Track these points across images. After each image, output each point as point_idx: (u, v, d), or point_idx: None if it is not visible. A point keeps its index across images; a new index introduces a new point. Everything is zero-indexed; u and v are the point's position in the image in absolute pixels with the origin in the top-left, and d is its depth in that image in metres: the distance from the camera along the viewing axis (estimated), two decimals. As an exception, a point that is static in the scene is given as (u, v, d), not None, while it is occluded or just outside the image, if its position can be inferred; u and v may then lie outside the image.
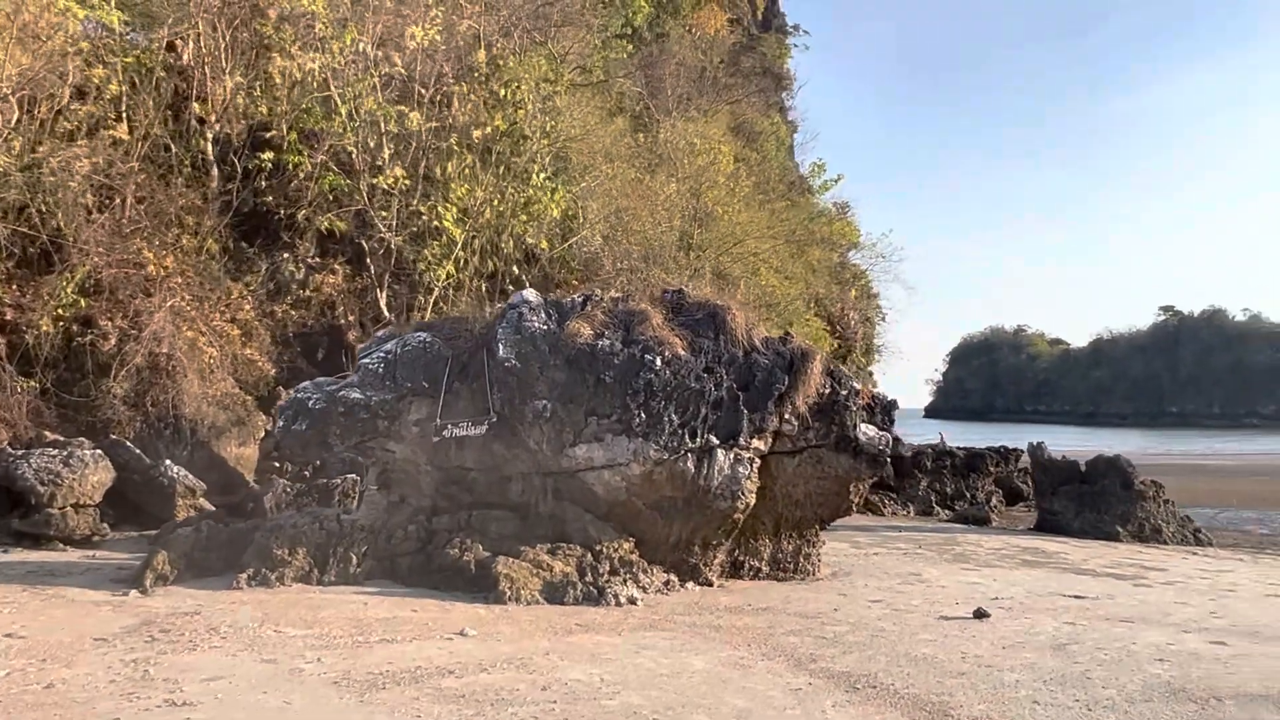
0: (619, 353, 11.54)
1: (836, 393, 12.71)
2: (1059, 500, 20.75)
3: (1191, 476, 44.29)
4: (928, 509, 24.31)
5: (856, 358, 39.10)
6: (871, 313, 41.99)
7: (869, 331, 41.69)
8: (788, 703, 7.18)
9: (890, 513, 23.53)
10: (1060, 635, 9.96)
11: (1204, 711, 7.35)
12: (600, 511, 11.80)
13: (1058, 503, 20.74)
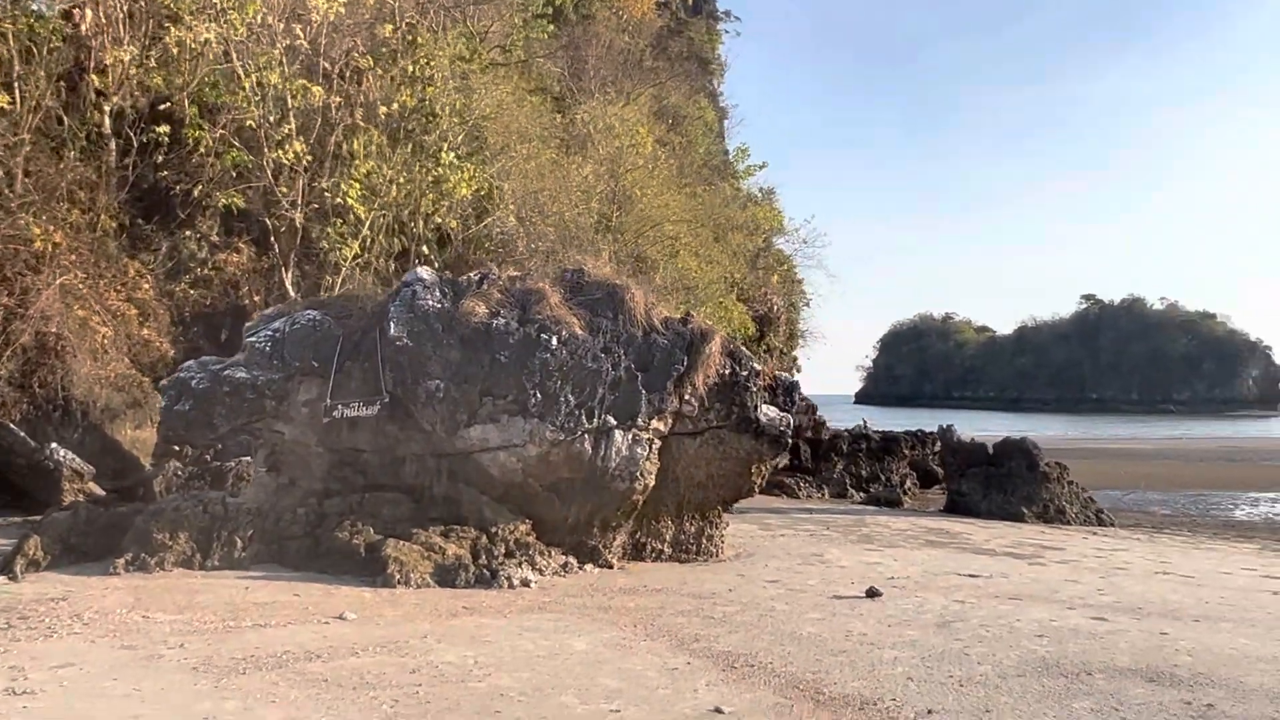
0: (514, 332, 11.36)
1: (737, 373, 12.68)
2: (967, 482, 21.06)
3: (1106, 460, 45.46)
4: (842, 491, 24.53)
5: (779, 342, 39.29)
6: (795, 298, 42.21)
7: (792, 316, 41.89)
8: (661, 682, 7.11)
9: (805, 495, 23.70)
10: (947, 613, 10.04)
11: (1072, 685, 7.43)
12: (496, 493, 11.63)
13: (966, 484, 21.05)
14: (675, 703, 6.61)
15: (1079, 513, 20.43)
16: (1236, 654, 8.57)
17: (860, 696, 6.96)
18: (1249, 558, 15.78)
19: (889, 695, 7.01)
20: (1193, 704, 7.00)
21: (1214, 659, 8.35)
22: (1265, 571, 13.99)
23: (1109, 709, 6.82)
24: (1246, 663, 8.26)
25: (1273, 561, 15.44)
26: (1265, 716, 6.74)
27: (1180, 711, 6.81)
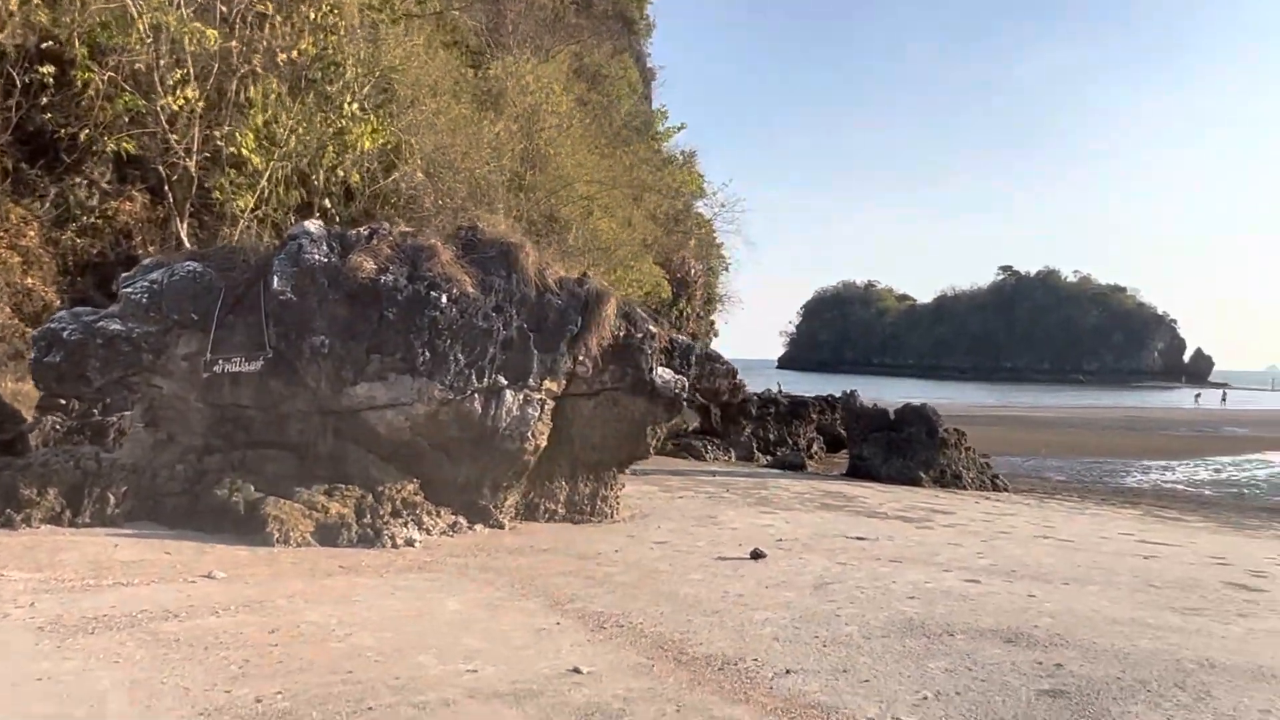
0: (403, 289, 11.15)
1: (632, 335, 12.65)
2: (868, 447, 21.41)
3: (1012, 427, 46.68)
4: (749, 455, 24.75)
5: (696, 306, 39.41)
6: (714, 262, 42.30)
7: (711, 281, 42.01)
8: (526, 642, 7.08)
9: (711, 458, 23.88)
10: (827, 575, 10.20)
11: (933, 645, 7.60)
12: (384, 452, 11.46)
13: (867, 449, 21.40)
14: (535, 663, 6.59)
15: (975, 478, 20.92)
16: (1095, 616, 8.84)
17: (723, 656, 7.02)
18: (1129, 523, 16.33)
19: (752, 655, 7.08)
20: (1044, 664, 7.20)
21: (1073, 620, 8.61)
22: (1140, 536, 14.48)
23: (962, 669, 6.98)
24: (1103, 624, 8.54)
25: (1151, 527, 16.00)
26: (1110, 676, 6.96)
27: (1031, 671, 7.00)
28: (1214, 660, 7.49)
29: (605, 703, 5.84)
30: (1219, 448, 38.88)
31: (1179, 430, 49.37)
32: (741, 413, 26.55)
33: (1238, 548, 14.00)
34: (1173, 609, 9.35)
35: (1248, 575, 11.48)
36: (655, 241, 32.27)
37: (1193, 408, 77.30)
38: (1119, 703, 6.37)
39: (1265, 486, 26.17)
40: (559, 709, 5.69)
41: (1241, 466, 31.78)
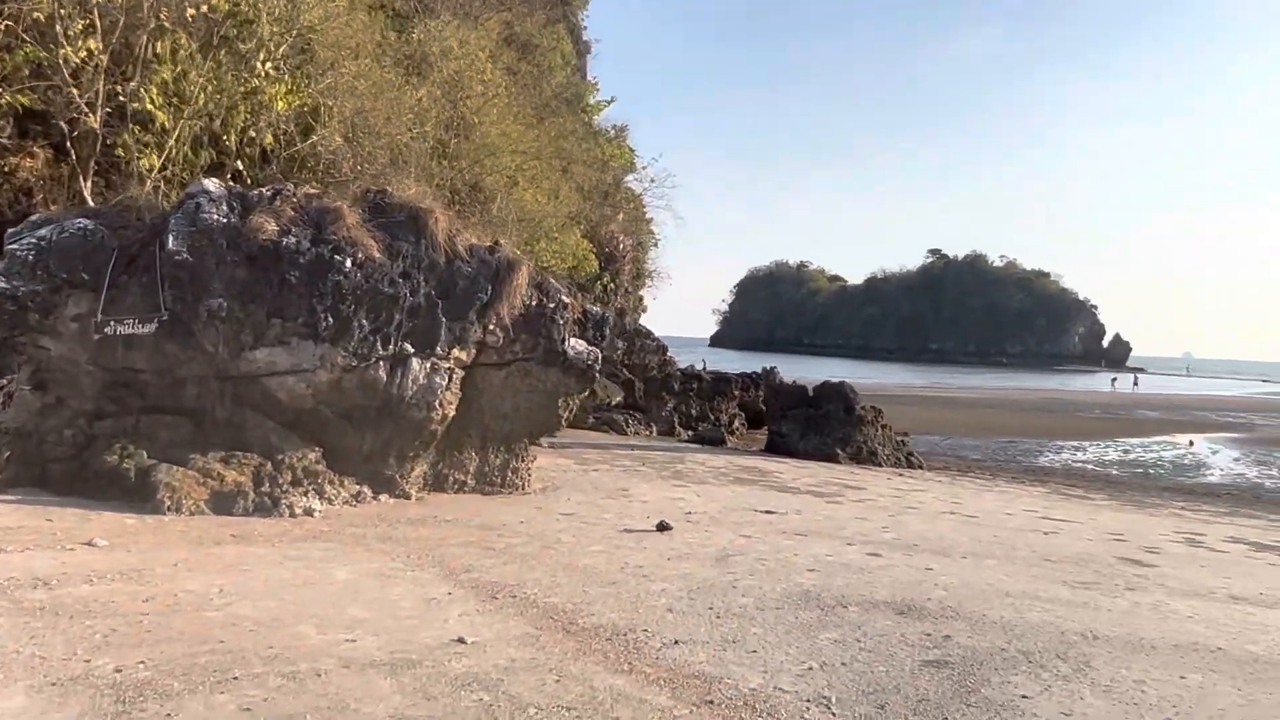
0: (306, 251, 10.84)
1: (544, 305, 12.49)
2: (787, 423, 21.55)
3: (935, 407, 47.46)
4: (670, 429, 24.78)
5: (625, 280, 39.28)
6: (644, 237, 42.17)
7: (640, 256, 41.88)
8: (413, 613, 6.94)
9: (633, 432, 23.84)
10: (731, 547, 10.20)
11: (826, 617, 7.62)
12: (285, 419, 11.17)
13: (786, 425, 21.54)
14: (419, 633, 6.45)
15: (890, 455, 21.18)
16: (989, 589, 8.97)
17: (614, 627, 6.95)
18: (1036, 500, 16.66)
19: (643, 626, 7.03)
20: (932, 635, 7.26)
21: (967, 593, 8.72)
22: (1044, 513, 14.77)
23: (851, 640, 7.00)
24: (995, 597, 8.66)
25: (1056, 504, 16.33)
26: (995, 647, 7.04)
27: (918, 642, 7.06)
28: (1097, 632, 7.63)
29: (485, 673, 5.74)
30: (1130, 430, 39.97)
31: (1093, 413, 50.64)
32: (665, 388, 26.56)
33: (1136, 525, 14.36)
34: (1065, 583, 9.52)
35: (1141, 551, 11.76)
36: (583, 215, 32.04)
37: (1109, 391, 79.37)
38: (1000, 673, 6.44)
39: (1170, 467, 26.94)
40: (435, 679, 5.57)
41: (1149, 448, 32.69)
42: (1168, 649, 7.30)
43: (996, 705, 5.82)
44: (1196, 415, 51.70)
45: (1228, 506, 18.45)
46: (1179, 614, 8.50)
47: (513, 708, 5.21)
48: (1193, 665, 6.91)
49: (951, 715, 5.60)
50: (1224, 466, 27.90)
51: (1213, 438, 37.94)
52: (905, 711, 5.62)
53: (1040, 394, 68.79)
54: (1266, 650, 7.43)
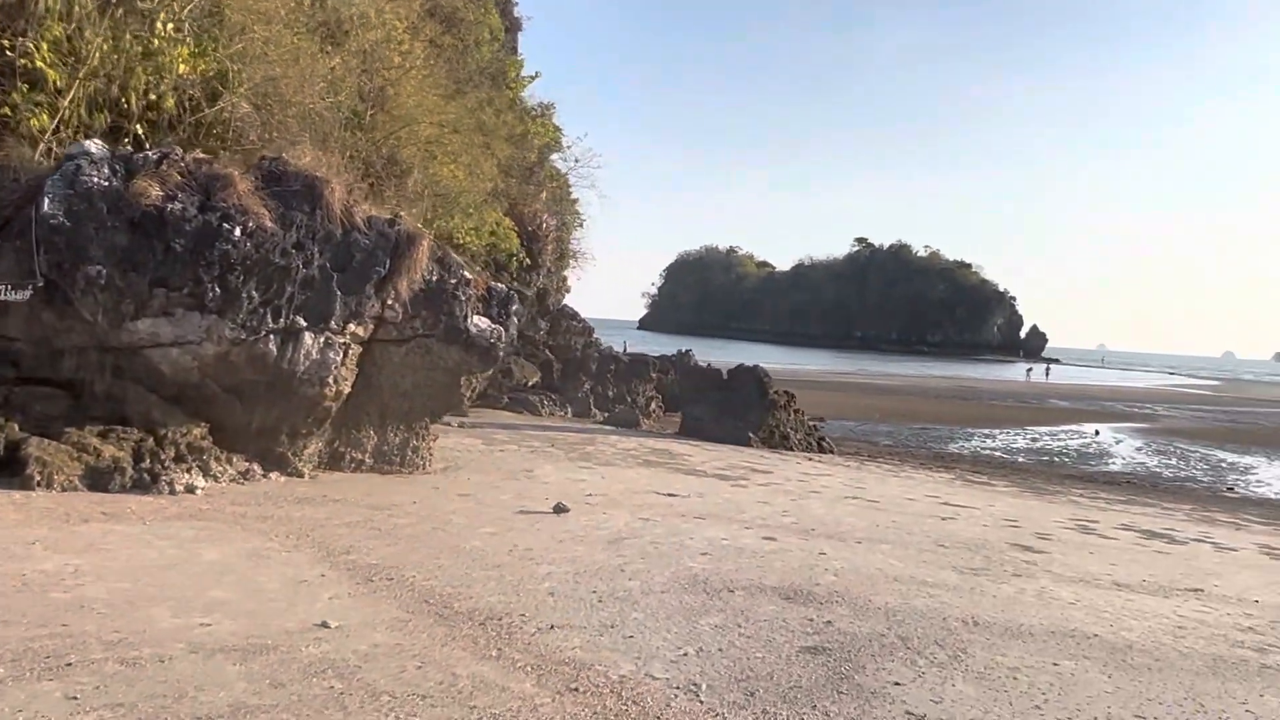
0: (192, 219, 10.40)
1: (445, 281, 12.21)
2: (700, 406, 21.53)
3: (855, 393, 48.00)
4: (586, 411, 24.61)
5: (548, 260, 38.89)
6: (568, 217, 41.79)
7: (564, 236, 41.51)
8: (281, 595, 6.67)
9: (547, 414, 23.62)
10: (626, 530, 10.07)
11: (710, 601, 7.53)
12: (169, 393, 10.74)
13: (699, 408, 21.51)
14: (281, 616, 6.20)
15: (802, 439, 21.28)
16: (878, 574, 8.97)
17: (490, 611, 6.77)
18: (939, 486, 16.84)
19: (521, 610, 6.85)
20: (815, 620, 7.21)
21: (856, 578, 8.71)
22: (945, 499, 14.93)
23: (732, 625, 6.92)
24: (884, 582, 8.66)
25: (958, 490, 16.53)
26: (875, 633, 7.01)
27: (800, 627, 7.00)
28: (979, 618, 7.66)
29: (342, 659, 5.52)
30: (1040, 419, 40.86)
31: (1006, 401, 51.71)
32: (582, 369, 26.36)
33: (1033, 512, 14.59)
34: (954, 568, 9.58)
35: (1034, 538, 11.92)
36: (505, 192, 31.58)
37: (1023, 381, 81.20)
38: (876, 659, 6.40)
39: (1074, 455, 27.57)
40: (287, 665, 5.33)
41: (1057, 436, 33.44)
42: (1045, 635, 7.35)
43: (867, 693, 5.77)
44: (1105, 405, 53.10)
45: (1125, 494, 18.89)
46: (1061, 600, 8.59)
47: (365, 696, 5.00)
48: (1067, 652, 6.95)
49: (820, 703, 5.53)
50: (1126, 455, 28.64)
51: (1118, 427, 38.96)
52: (774, 699, 5.53)
53: (956, 382, 70.08)
54: (1140, 638, 7.53)
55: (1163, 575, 10.27)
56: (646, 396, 26.70)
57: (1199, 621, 8.25)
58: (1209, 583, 10.08)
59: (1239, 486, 22.58)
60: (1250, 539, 14.00)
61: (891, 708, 5.55)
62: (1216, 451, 31.29)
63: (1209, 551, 12.38)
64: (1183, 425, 42.26)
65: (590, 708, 5.15)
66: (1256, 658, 7.25)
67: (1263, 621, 8.48)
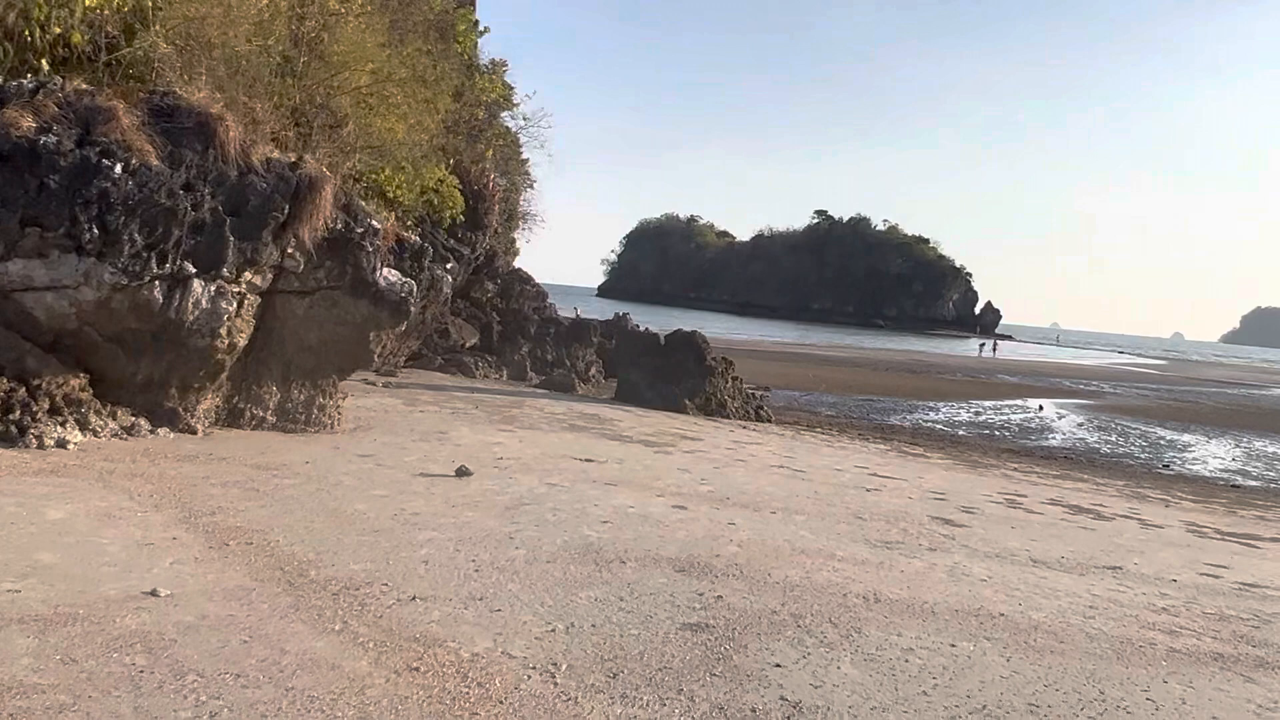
0: (68, 153, 9.65)
1: (351, 230, 11.58)
2: (636, 371, 21.03)
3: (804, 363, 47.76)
4: (521, 374, 24.01)
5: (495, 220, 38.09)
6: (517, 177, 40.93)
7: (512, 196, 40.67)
8: (116, 559, 6.10)
9: (481, 375, 22.99)
10: (529, 496, 9.56)
11: (598, 573, 7.05)
12: (44, 341, 10.02)
13: (635, 374, 21.02)
14: (107, 583, 5.63)
15: (740, 407, 20.87)
16: (785, 546, 8.55)
17: (349, 580, 6.24)
18: (871, 457, 16.50)
19: (386, 579, 6.34)
20: (705, 595, 6.76)
21: (760, 551, 8.28)
22: (875, 470, 14.57)
23: (614, 599, 6.44)
24: (789, 555, 8.24)
25: (891, 461, 16.20)
26: (767, 609, 6.58)
27: (686, 603, 6.54)
28: (881, 595, 7.25)
29: (159, 632, 4.96)
30: (986, 393, 40.82)
31: (955, 376, 51.71)
32: (521, 332, 25.74)
33: (962, 485, 14.27)
34: (868, 541, 9.18)
35: (958, 511, 11.57)
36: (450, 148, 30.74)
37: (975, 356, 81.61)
38: (761, 639, 5.96)
39: (1015, 430, 27.44)
40: (91, 638, 4.77)
41: (1000, 410, 33.36)
42: (948, 614, 6.95)
43: (743, 675, 5.32)
44: (1052, 382, 53.31)
45: (1060, 469, 18.68)
46: (973, 576, 8.22)
47: (167, 675, 4.46)
48: (968, 632, 6.56)
49: (688, 686, 5.07)
50: (1067, 431, 28.56)
51: (1062, 403, 39.01)
52: (638, 682, 5.06)
53: (908, 355, 70.18)
54: (1048, 618, 7.16)
55: (1083, 552, 9.95)
56: (586, 361, 26.13)
57: (1112, 601, 7.91)
58: (1129, 560, 9.77)
59: (1175, 464, 22.52)
60: (1179, 516, 13.80)
61: (765, 692, 5.11)
62: (1157, 429, 31.36)
63: (1134, 528, 12.11)
64: (1127, 403, 42.48)
65: (426, 690, 4.64)
66: (1165, 641, 6.90)
67: (1178, 602, 8.16)
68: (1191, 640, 7.01)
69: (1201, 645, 6.90)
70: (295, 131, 16.94)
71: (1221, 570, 9.81)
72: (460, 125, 33.53)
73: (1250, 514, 15.03)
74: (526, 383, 23.37)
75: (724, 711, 4.81)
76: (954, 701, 5.26)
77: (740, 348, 47.94)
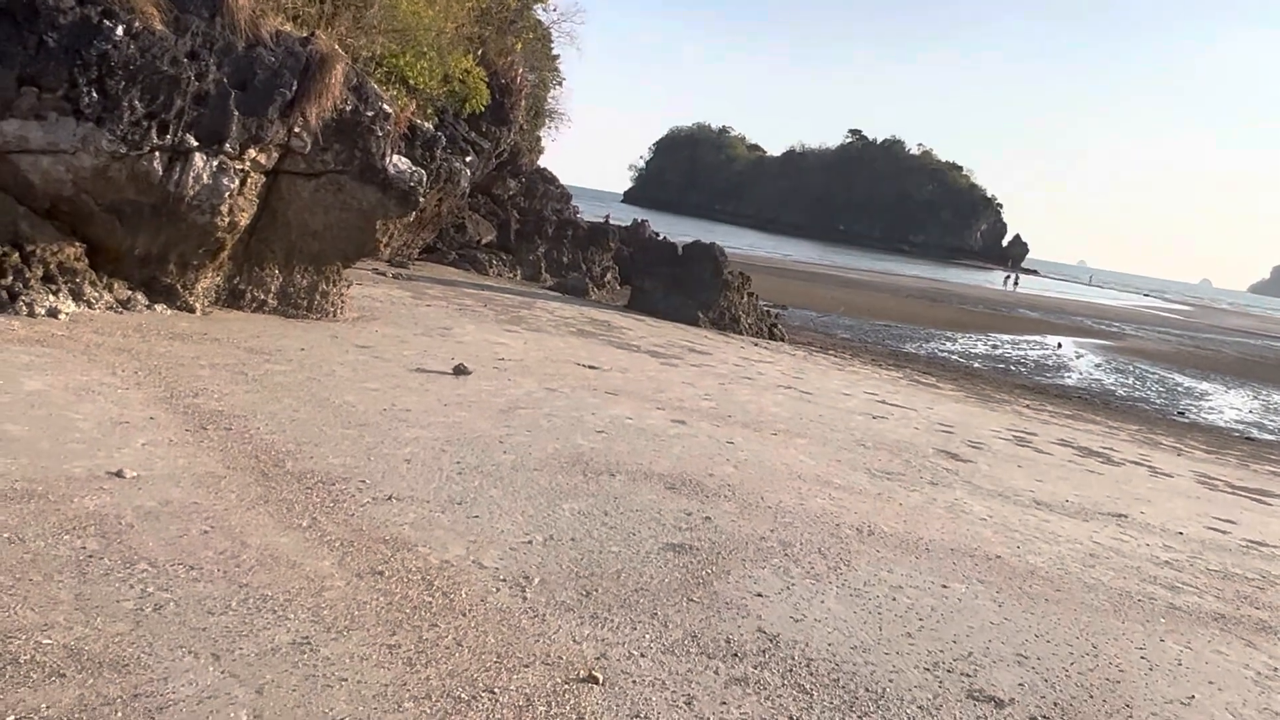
0: (69, 10, 9.22)
1: (361, 113, 11.14)
2: (651, 280, 20.68)
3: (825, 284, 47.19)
4: (535, 275, 23.68)
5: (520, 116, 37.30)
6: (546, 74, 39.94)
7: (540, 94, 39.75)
8: (87, 436, 5.90)
9: (495, 273, 22.66)
10: (526, 400, 9.33)
11: (585, 484, 6.84)
12: (39, 206, 9.73)
13: (649, 282, 20.67)
14: (74, 460, 5.44)
15: (753, 324, 20.54)
16: (782, 470, 8.32)
17: (327, 474, 6.04)
18: (883, 384, 16.20)
19: (362, 476, 6.14)
20: (693, 515, 6.55)
21: (756, 472, 8.05)
22: (884, 398, 14.29)
23: (598, 512, 6.23)
24: (784, 479, 8.00)
25: (901, 389, 15.91)
26: (755, 535, 6.36)
27: (673, 522, 6.33)
28: (875, 527, 7.02)
29: (118, 515, 4.78)
30: (1006, 326, 40.31)
31: (977, 307, 51.08)
32: (538, 232, 25.31)
33: (972, 419, 13.99)
34: (868, 470, 8.94)
35: (964, 445, 11.31)
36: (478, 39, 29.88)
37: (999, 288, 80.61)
38: (745, 565, 5.75)
39: (1031, 366, 27.06)
40: (45, 516, 4.58)
41: (1019, 345, 32.91)
42: (943, 553, 6.73)
43: (722, 602, 5.11)
44: (1074, 320, 52.63)
45: (1072, 409, 18.35)
46: (972, 515, 7.98)
47: (117, 563, 4.27)
48: (961, 574, 6.34)
49: (662, 610, 4.87)
50: (1083, 370, 28.16)
51: (1082, 342, 38.48)
52: (610, 602, 4.86)
53: (931, 284, 69.33)
54: (1047, 563, 6.93)
55: (1089, 497, 9.70)
56: (603, 266, 25.70)
57: (1114, 550, 7.67)
58: (1135, 509, 9.52)
59: (1190, 411, 22.17)
60: (1190, 466, 13.51)
61: (743, 622, 4.90)
62: (1175, 375, 30.89)
63: (1144, 475, 11.85)
64: (1147, 346, 41.90)
65: (386, 596, 4.45)
66: (1166, 596, 6.67)
67: (1182, 556, 7.92)
68: (1193, 598, 6.78)
69: (1203, 604, 6.67)
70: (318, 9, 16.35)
71: (1230, 525, 9.56)
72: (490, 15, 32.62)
73: (1264, 468, 14.73)
74: (540, 284, 23.06)
75: (696, 640, 4.61)
76: (939, 646, 5.05)
77: (761, 264, 47.33)
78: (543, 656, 4.15)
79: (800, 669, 4.51)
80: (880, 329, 30.43)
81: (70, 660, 3.46)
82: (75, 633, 3.63)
